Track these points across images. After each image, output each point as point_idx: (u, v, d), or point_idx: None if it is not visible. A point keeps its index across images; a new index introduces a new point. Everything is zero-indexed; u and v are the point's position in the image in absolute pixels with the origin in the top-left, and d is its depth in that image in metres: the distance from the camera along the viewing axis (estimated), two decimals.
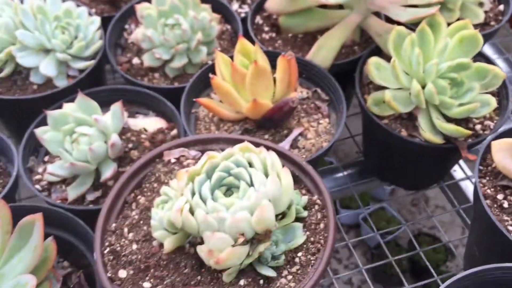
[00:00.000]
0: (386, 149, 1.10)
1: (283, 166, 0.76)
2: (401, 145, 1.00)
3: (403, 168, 1.13)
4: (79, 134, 0.88)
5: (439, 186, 1.20)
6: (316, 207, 0.81)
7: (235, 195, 0.73)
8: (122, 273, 0.76)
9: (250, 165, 0.75)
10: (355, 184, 1.22)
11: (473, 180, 1.18)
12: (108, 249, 0.78)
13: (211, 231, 0.69)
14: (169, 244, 0.76)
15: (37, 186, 0.93)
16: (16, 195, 1.01)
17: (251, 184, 0.73)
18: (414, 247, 1.17)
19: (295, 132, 1.01)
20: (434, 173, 1.15)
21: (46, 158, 1.02)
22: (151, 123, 1.04)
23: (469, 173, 1.21)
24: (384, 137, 1.02)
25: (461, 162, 1.22)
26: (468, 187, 1.19)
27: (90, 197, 0.91)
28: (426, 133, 0.95)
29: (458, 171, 1.22)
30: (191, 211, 0.70)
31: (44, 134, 0.89)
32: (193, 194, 0.72)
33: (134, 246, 0.78)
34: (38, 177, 0.97)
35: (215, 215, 0.69)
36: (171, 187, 0.79)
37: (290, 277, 0.74)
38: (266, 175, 0.74)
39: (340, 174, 1.25)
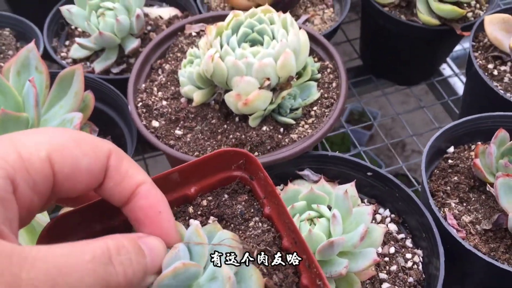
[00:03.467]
0: (383, 42, 1.19)
1: None
2: (399, 31, 1.08)
3: (397, 61, 1.22)
4: (105, 9, 0.93)
5: (429, 82, 1.29)
6: (329, 70, 0.89)
7: (259, 47, 0.80)
8: (155, 123, 0.83)
9: (271, 23, 0.82)
10: (352, 82, 1.30)
11: (461, 76, 1.29)
12: (140, 103, 0.85)
13: (240, 76, 0.77)
14: (197, 96, 0.83)
15: (63, 62, 0.99)
16: None
17: (273, 38, 0.80)
18: None
19: (303, 17, 1.08)
20: (426, 66, 1.24)
21: (67, 43, 1.08)
22: (166, 11, 1.10)
23: (456, 70, 1.31)
24: (384, 25, 1.10)
25: (449, 60, 1.31)
26: (456, 83, 1.29)
27: (115, 70, 0.97)
28: (424, 15, 1.03)
29: (446, 69, 1.31)
30: (222, 59, 0.78)
31: (71, 9, 0.94)
32: (221, 46, 0.79)
33: (164, 102, 0.86)
34: (63, 54, 1.03)
35: (244, 60, 0.76)
36: (198, 47, 0.86)
37: (306, 126, 0.83)
38: (287, 31, 0.81)
39: None
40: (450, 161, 0.84)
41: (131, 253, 0.33)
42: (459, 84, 1.29)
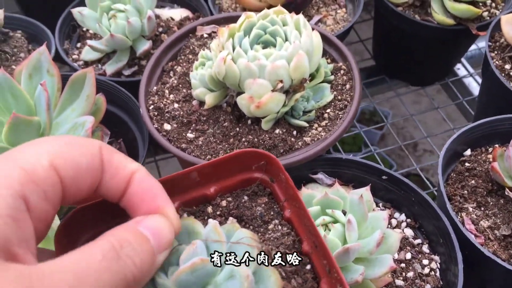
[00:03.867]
0: (397, 42, 1.17)
1: None
2: (413, 31, 1.07)
3: (411, 62, 1.20)
4: (116, 11, 0.93)
5: (443, 83, 1.27)
6: (342, 71, 0.88)
7: (272, 49, 0.79)
8: (167, 126, 0.82)
9: (284, 24, 0.81)
10: (365, 83, 1.29)
11: (475, 77, 1.27)
12: (152, 106, 0.84)
13: (253, 78, 0.76)
14: (209, 99, 0.82)
15: (75, 64, 0.99)
16: None
17: (286, 40, 0.79)
18: None
19: (315, 18, 1.07)
20: (441, 66, 1.22)
21: (78, 45, 1.07)
22: (177, 13, 1.09)
23: (471, 70, 1.28)
24: (398, 25, 1.08)
25: (463, 60, 1.29)
26: (470, 83, 1.27)
27: (126, 72, 0.96)
28: (439, 15, 1.01)
29: (461, 69, 1.29)
30: (234, 61, 0.77)
31: (82, 11, 0.94)
32: (234, 48, 0.78)
33: (176, 105, 0.85)
34: (74, 57, 1.02)
35: (256, 62, 0.75)
36: (210, 49, 0.85)
37: (320, 128, 0.81)
38: (300, 33, 0.80)
39: None
40: (467, 164, 0.82)
41: (133, 244, 0.34)
42: (474, 85, 1.27)
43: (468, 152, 0.84)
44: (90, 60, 1.00)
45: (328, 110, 0.83)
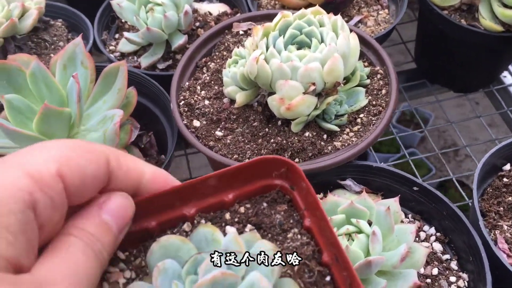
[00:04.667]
0: (441, 47, 1.13)
1: None
2: (459, 36, 1.03)
3: (455, 67, 1.16)
4: (154, 4, 0.93)
5: (488, 90, 1.22)
6: (379, 76, 0.85)
7: (307, 50, 0.77)
8: (196, 123, 0.82)
9: (321, 25, 0.79)
10: (404, 86, 1.25)
11: None
12: (183, 102, 0.84)
13: (284, 79, 0.74)
14: (240, 97, 0.81)
15: (111, 55, 0.99)
16: None
17: (322, 41, 0.77)
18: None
19: (355, 18, 1.04)
20: (486, 73, 1.17)
21: (116, 36, 1.08)
22: (215, 8, 1.09)
23: None
24: (443, 29, 1.04)
25: (511, 68, 1.23)
26: None
27: (161, 66, 0.97)
28: (486, 21, 0.97)
29: (508, 77, 1.23)
30: (266, 61, 0.75)
31: (121, 3, 0.94)
32: (267, 47, 0.77)
33: (206, 102, 0.84)
34: (111, 48, 1.03)
35: (289, 63, 0.74)
36: (244, 47, 0.84)
37: (352, 134, 0.79)
38: (336, 34, 0.78)
39: None
40: (505, 179, 0.79)
41: (100, 239, 0.35)
42: None
43: (507, 167, 0.80)
44: (126, 52, 1.00)
45: (361, 115, 0.81)
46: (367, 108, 0.82)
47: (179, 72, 0.87)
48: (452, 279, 0.68)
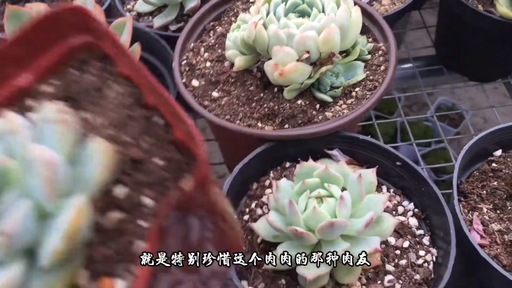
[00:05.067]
0: (458, 33, 1.11)
1: None
2: (475, 21, 1.01)
3: (472, 55, 1.14)
4: None
5: (506, 81, 1.20)
6: (380, 52, 0.86)
7: (306, 19, 0.79)
8: (195, 82, 0.85)
9: None
10: (421, 71, 1.24)
11: None
12: (185, 61, 0.87)
13: (280, 45, 0.76)
14: (239, 61, 0.83)
15: (128, 14, 1.03)
16: None
17: (322, 12, 0.78)
18: None
19: None
20: (503, 63, 1.15)
21: None
22: None
23: None
24: (460, 14, 1.03)
25: None
26: None
27: (173, 27, 1.00)
28: (503, 8, 0.95)
29: None
30: (265, 27, 0.77)
31: None
32: (268, 13, 0.79)
33: (208, 64, 0.87)
34: (129, 7, 1.07)
35: (286, 30, 0.75)
36: (249, 14, 0.86)
37: (344, 106, 0.80)
38: (338, 6, 0.78)
39: (409, 65, 1.27)
40: (494, 164, 0.79)
41: None
42: None
43: (498, 152, 0.80)
44: (143, 11, 1.04)
45: (357, 89, 0.82)
46: (363, 83, 0.83)
47: (186, 33, 0.90)
48: (421, 253, 0.69)
